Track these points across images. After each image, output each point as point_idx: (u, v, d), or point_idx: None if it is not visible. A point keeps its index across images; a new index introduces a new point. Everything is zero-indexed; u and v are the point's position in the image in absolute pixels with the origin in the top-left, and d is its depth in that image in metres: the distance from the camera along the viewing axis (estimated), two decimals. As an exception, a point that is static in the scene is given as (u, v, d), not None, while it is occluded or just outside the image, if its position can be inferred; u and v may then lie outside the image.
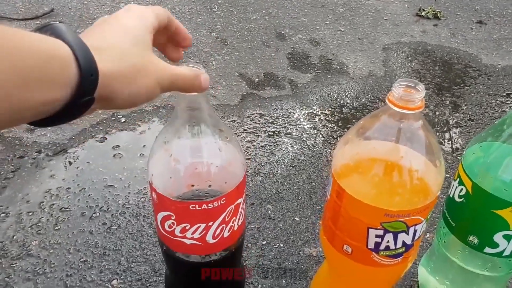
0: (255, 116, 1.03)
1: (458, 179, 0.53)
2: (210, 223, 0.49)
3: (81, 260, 0.69)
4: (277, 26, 1.39)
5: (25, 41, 0.27)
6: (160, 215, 0.49)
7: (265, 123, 1.01)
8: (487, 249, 0.52)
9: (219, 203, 0.48)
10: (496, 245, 0.52)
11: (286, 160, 0.91)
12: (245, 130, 0.98)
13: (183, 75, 0.38)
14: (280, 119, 1.02)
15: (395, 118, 0.42)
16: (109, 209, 0.78)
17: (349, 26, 1.41)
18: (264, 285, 0.67)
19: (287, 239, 0.74)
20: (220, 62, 1.21)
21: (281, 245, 0.73)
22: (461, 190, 0.52)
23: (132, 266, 0.69)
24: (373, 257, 0.46)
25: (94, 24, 0.36)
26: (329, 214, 0.48)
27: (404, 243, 0.45)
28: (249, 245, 0.73)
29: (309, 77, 1.17)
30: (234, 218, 0.51)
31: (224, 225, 0.50)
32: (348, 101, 1.09)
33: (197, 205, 0.47)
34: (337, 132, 0.98)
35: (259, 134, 0.97)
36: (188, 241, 0.50)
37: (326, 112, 1.05)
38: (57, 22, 0.31)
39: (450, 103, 1.09)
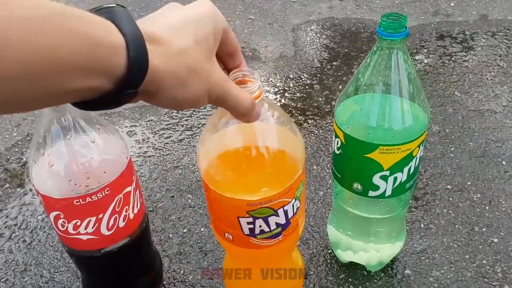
0: (172, 113, 1.04)
1: (334, 133, 0.56)
2: (100, 215, 0.50)
3: (2, 280, 0.69)
4: (188, 24, 1.41)
5: (73, 21, 0.24)
6: (52, 216, 0.50)
7: (182, 118, 1.02)
8: (371, 193, 0.56)
9: (103, 194, 0.49)
10: (377, 188, 0.55)
11: (204, 149, 0.92)
12: (162, 127, 0.99)
13: (238, 100, 0.35)
14: (197, 112, 1.04)
15: None
16: (28, 226, 0.77)
17: (259, 13, 1.45)
18: (186, 270, 0.68)
19: (207, 223, 0.76)
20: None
21: (202, 229, 0.75)
22: (337, 142, 0.56)
23: (55, 276, 0.69)
24: (253, 241, 0.47)
25: (165, 7, 0.33)
26: (209, 207, 0.50)
27: (278, 224, 0.46)
28: (170, 235, 0.74)
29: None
30: (127, 207, 0.53)
31: (117, 215, 0.52)
32: (261, 84, 1.12)
33: (80, 199, 0.48)
34: (252, 115, 1.01)
35: (177, 129, 0.99)
36: (83, 237, 0.51)
37: (241, 97, 1.07)
38: (117, 5, 0.28)
39: (358, 70, 1.14)
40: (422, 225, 0.73)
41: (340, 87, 1.08)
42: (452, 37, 1.25)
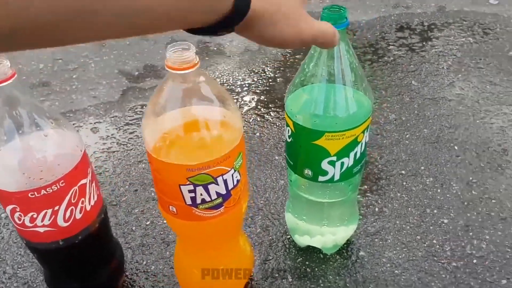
0: (136, 108, 1.05)
1: (285, 122, 0.59)
2: (56, 207, 0.52)
3: (-35, 277, 0.69)
4: (154, 20, 1.41)
5: None
6: (8, 209, 0.51)
7: (147, 113, 1.03)
8: (320, 178, 0.58)
9: (58, 186, 0.50)
10: (325, 173, 0.58)
11: (168, 143, 0.94)
12: (126, 123, 1.00)
13: (325, 32, 0.40)
14: (162, 107, 1.05)
15: (178, 81, 0.46)
16: (-9, 223, 0.78)
17: (224, 8, 1.46)
18: (148, 261, 0.70)
19: (170, 214, 0.78)
20: (99, 63, 1.22)
21: (165, 221, 0.77)
22: (288, 131, 0.58)
23: (18, 272, 0.70)
24: (195, 212, 0.49)
25: None
26: (154, 181, 0.52)
27: (218, 194, 0.49)
28: (133, 228, 0.76)
29: (188, 62, 1.21)
30: (83, 198, 0.54)
31: (73, 207, 0.53)
32: (226, 78, 1.14)
33: (35, 192, 0.49)
34: (216, 108, 1.03)
35: (141, 124, 1.00)
36: (41, 229, 0.52)
37: (205, 91, 1.09)
38: None
39: (320, 62, 1.16)
40: (376, 209, 0.76)
41: (302, 79, 1.10)
42: (411, 29, 1.29)
